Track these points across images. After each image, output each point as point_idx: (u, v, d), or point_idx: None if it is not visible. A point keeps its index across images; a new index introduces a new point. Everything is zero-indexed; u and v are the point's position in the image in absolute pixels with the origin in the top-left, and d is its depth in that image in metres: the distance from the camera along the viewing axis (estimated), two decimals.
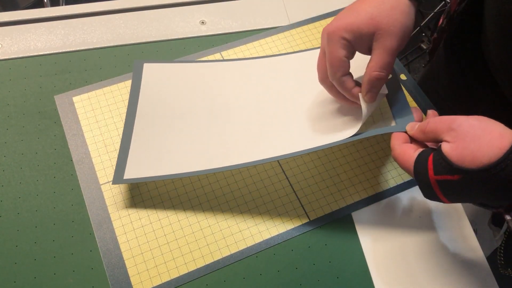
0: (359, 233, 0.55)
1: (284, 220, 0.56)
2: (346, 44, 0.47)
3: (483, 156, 0.38)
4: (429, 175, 0.42)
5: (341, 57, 0.48)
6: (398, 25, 0.46)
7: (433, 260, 0.54)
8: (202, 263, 0.53)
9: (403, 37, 0.47)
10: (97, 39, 0.70)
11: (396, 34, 0.46)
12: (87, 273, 0.52)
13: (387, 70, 0.48)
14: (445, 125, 0.42)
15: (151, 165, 0.57)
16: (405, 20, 0.47)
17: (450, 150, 0.40)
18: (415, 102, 0.65)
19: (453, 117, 0.42)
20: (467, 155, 0.39)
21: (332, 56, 0.48)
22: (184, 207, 0.56)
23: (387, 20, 0.46)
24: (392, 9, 0.46)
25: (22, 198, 0.56)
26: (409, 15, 0.47)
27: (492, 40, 0.55)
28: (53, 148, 0.60)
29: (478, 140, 0.39)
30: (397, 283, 0.53)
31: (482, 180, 0.38)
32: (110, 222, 0.55)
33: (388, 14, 0.46)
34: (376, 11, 0.46)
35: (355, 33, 0.47)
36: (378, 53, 0.47)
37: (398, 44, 0.47)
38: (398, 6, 0.46)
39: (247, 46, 0.70)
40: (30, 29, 0.70)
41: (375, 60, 0.47)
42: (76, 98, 0.64)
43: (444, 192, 0.42)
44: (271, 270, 0.53)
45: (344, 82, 0.50)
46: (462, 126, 0.41)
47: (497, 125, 0.40)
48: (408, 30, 0.47)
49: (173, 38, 0.71)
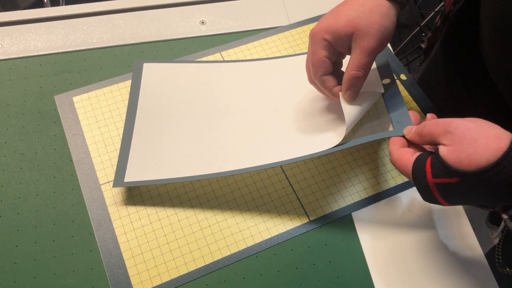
0: (359, 233, 0.55)
1: (284, 220, 0.56)
2: (326, 45, 0.49)
3: (480, 158, 0.38)
4: (428, 178, 0.42)
5: (321, 57, 0.50)
6: (376, 26, 0.47)
7: (433, 260, 0.54)
8: (202, 263, 0.53)
9: (380, 38, 0.48)
10: (97, 39, 0.70)
11: (373, 35, 0.47)
12: (87, 273, 0.52)
13: (364, 69, 0.49)
14: (442, 128, 0.42)
15: (152, 169, 0.57)
16: (383, 22, 0.48)
17: (447, 153, 0.41)
18: (415, 102, 0.65)
19: (450, 120, 0.42)
20: (464, 158, 0.39)
21: (313, 57, 0.50)
22: (184, 207, 0.56)
23: (365, 22, 0.47)
24: (370, 11, 0.48)
25: (22, 198, 0.56)
26: (388, 16, 0.48)
27: (488, 41, 0.55)
28: (53, 148, 0.60)
29: (474, 142, 0.39)
30: (397, 283, 0.53)
31: (480, 182, 0.39)
32: (110, 222, 0.55)
33: (366, 16, 0.47)
34: (355, 14, 0.48)
35: (335, 34, 0.48)
36: (355, 53, 0.49)
37: (376, 44, 0.48)
38: (376, 8, 0.48)
39: (247, 46, 0.70)
40: (30, 29, 0.70)
41: (353, 60, 0.49)
42: (76, 98, 0.64)
43: (443, 194, 0.42)
44: (271, 270, 0.53)
45: (325, 81, 0.52)
46: (458, 128, 0.41)
47: (493, 127, 0.40)
48: (387, 31, 0.48)
49: (173, 38, 0.71)
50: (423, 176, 0.42)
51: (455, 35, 0.68)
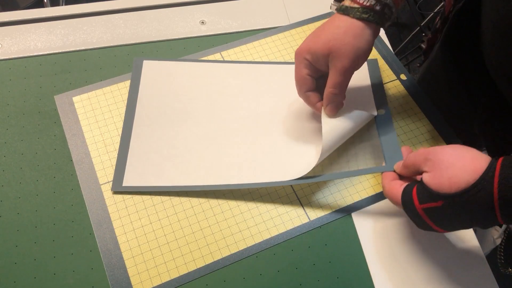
0: (359, 233, 0.55)
1: (284, 220, 0.56)
2: (308, 64, 0.54)
3: (460, 180, 0.41)
4: (415, 205, 0.45)
5: (304, 75, 0.54)
6: (349, 48, 0.51)
7: (433, 260, 0.54)
8: (202, 263, 0.53)
9: (354, 58, 0.51)
10: (97, 39, 0.70)
11: (346, 56, 0.51)
12: (87, 273, 0.52)
13: (340, 87, 0.53)
14: (422, 157, 0.46)
15: (150, 175, 0.57)
16: (356, 42, 0.51)
17: (429, 179, 0.44)
18: (415, 102, 0.65)
19: (429, 148, 0.46)
20: (444, 182, 0.42)
21: (297, 75, 0.55)
22: (184, 207, 0.56)
23: (339, 44, 0.51)
24: (344, 33, 0.51)
25: (22, 198, 0.56)
26: (361, 37, 0.51)
27: (490, 41, 0.55)
28: (53, 148, 0.60)
29: (452, 166, 0.42)
30: (397, 283, 0.53)
31: (464, 202, 0.41)
32: (110, 222, 0.55)
33: (340, 37, 0.51)
34: (331, 36, 0.51)
35: (313, 55, 0.52)
36: (331, 73, 0.52)
37: (349, 64, 0.51)
38: (350, 30, 0.51)
39: (247, 46, 0.70)
40: (30, 29, 0.70)
41: (330, 79, 0.53)
42: (76, 98, 0.64)
43: (432, 219, 0.45)
44: (271, 270, 0.53)
45: (308, 97, 0.56)
46: (437, 155, 0.44)
47: (470, 150, 0.43)
48: (360, 51, 0.51)
49: (173, 38, 0.71)
50: (411, 203, 0.46)
51: (455, 35, 0.68)
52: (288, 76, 0.66)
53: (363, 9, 0.50)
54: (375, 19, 0.51)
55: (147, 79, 0.64)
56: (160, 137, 0.60)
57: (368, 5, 0.50)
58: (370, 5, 0.50)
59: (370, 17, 0.51)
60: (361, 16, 0.51)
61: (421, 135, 0.62)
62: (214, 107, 0.63)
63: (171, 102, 0.63)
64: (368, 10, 0.50)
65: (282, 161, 0.58)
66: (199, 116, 0.62)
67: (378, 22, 0.52)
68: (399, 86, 0.67)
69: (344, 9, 0.52)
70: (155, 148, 0.59)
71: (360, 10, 0.51)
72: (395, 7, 0.52)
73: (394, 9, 0.52)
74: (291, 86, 0.57)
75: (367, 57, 0.53)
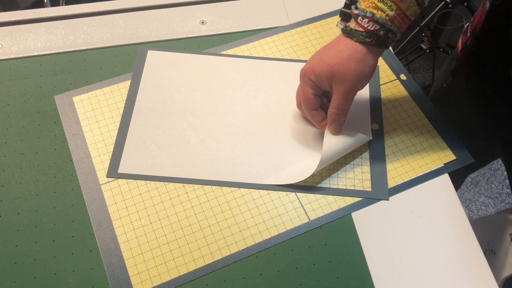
0: (359, 233, 0.55)
1: (284, 220, 0.56)
2: (312, 84, 0.56)
3: None
4: None
5: (309, 95, 0.57)
6: (352, 72, 0.52)
7: (433, 260, 0.54)
8: (202, 263, 0.53)
9: (356, 82, 0.53)
10: (97, 39, 0.70)
11: (349, 80, 0.53)
12: (87, 273, 0.52)
13: (343, 109, 0.56)
14: None
15: (145, 163, 0.58)
16: (359, 67, 0.52)
17: None
18: (415, 102, 0.65)
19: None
20: None
21: (303, 94, 0.57)
22: (184, 207, 0.56)
23: (342, 69, 0.52)
24: (347, 58, 0.52)
25: (22, 198, 0.56)
26: (364, 61, 0.53)
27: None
28: (53, 148, 0.60)
29: None
30: (397, 283, 0.53)
31: None
32: (110, 222, 0.55)
33: (343, 62, 0.52)
34: (334, 61, 0.53)
35: (317, 77, 0.54)
36: (335, 95, 0.55)
37: (351, 88, 0.54)
38: (354, 55, 0.52)
39: (247, 46, 0.70)
40: (30, 29, 0.70)
41: (333, 100, 0.56)
42: (76, 98, 0.64)
43: None
44: (271, 270, 0.53)
45: (314, 115, 0.58)
46: None
47: None
48: (362, 75, 0.53)
49: (173, 38, 0.71)
50: None
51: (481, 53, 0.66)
52: (289, 73, 0.66)
53: (367, 33, 0.52)
54: (378, 43, 0.52)
55: (150, 68, 0.65)
56: (158, 127, 0.61)
57: (372, 30, 0.51)
58: (374, 30, 0.51)
59: (373, 41, 0.52)
60: (364, 40, 0.52)
61: (421, 135, 0.62)
62: (214, 100, 0.63)
63: (172, 93, 0.63)
64: (371, 34, 0.51)
65: (276, 162, 0.59)
66: (198, 108, 0.63)
67: (381, 46, 0.53)
68: (399, 86, 0.67)
69: (349, 32, 0.53)
70: (152, 137, 0.60)
71: (364, 34, 0.52)
72: (399, 31, 0.53)
73: (398, 33, 0.53)
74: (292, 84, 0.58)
75: (370, 79, 0.55)
